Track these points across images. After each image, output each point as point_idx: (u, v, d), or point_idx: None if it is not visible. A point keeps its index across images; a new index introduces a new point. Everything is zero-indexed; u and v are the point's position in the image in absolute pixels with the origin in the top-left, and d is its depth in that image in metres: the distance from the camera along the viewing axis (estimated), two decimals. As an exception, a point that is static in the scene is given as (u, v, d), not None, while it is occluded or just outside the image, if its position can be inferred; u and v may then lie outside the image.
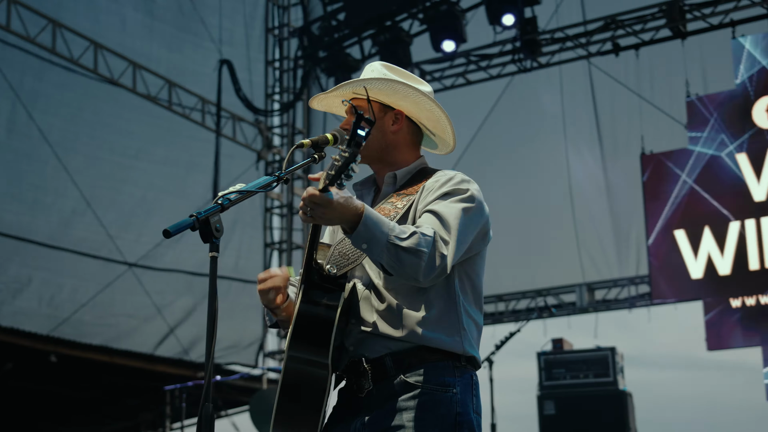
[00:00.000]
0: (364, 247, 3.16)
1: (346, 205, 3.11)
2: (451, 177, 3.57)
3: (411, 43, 13.25)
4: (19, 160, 13.61)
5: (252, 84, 16.07)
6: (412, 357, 3.36)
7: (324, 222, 3.20)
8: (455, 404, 3.35)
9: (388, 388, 3.34)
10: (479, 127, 14.86)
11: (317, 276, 3.38)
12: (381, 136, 3.66)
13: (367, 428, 3.34)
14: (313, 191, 3.09)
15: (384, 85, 3.63)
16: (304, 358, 3.30)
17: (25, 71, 13.61)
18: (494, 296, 14.95)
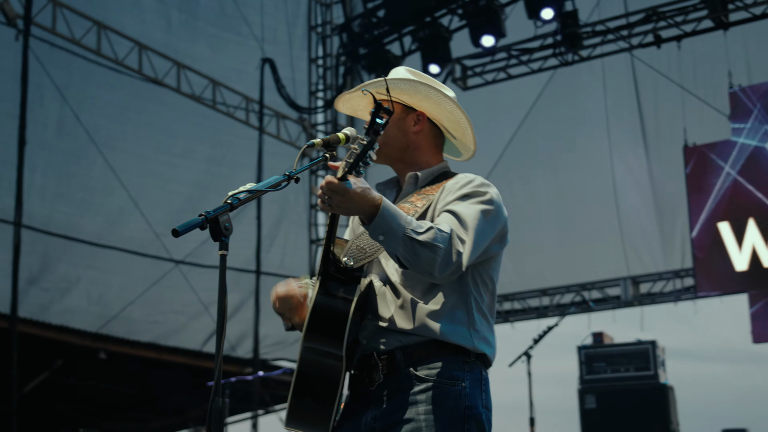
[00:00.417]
0: (381, 239, 3.20)
1: (363, 195, 3.15)
2: (471, 180, 3.57)
3: (450, 39, 13.25)
4: (68, 160, 13.82)
5: (295, 81, 16.18)
6: (423, 351, 3.40)
7: (341, 211, 3.23)
8: (464, 398, 3.39)
9: (398, 381, 3.39)
10: (522, 121, 14.85)
11: (334, 268, 3.42)
12: (402, 136, 3.71)
13: (377, 421, 3.39)
14: (331, 179, 3.13)
15: (406, 85, 3.68)
16: (320, 349, 3.35)
17: (72, 73, 13.83)
18: (538, 290, 14.93)
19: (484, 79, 14.69)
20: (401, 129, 3.69)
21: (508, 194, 14.98)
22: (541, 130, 14.83)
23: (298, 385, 3.40)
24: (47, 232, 13.26)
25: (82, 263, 13.76)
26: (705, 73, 13.74)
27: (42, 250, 13.35)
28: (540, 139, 14.88)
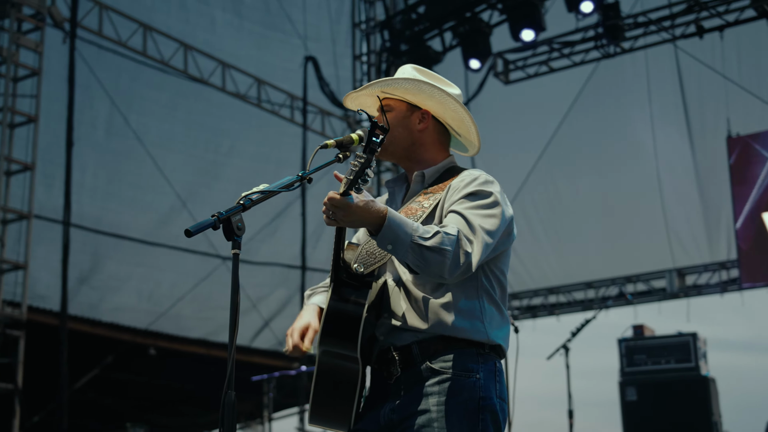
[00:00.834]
0: (389, 248, 3.27)
1: (366, 208, 3.22)
2: (475, 177, 3.62)
3: (491, 34, 13.30)
4: (118, 160, 14.05)
5: (339, 78, 16.29)
6: (438, 344, 3.48)
7: (346, 224, 3.32)
8: (478, 389, 3.46)
9: (415, 374, 3.48)
10: (565, 114, 14.84)
11: (345, 274, 3.51)
12: (408, 134, 3.77)
13: (395, 413, 3.48)
14: (333, 195, 3.23)
15: (410, 85, 3.74)
16: (336, 352, 3.46)
17: (120, 74, 14.06)
18: (583, 283, 14.93)
19: (526, 73, 14.71)
20: (406, 127, 3.77)
21: (552, 188, 15.01)
22: (584, 123, 14.81)
23: (318, 386, 3.52)
24: (98, 231, 13.48)
25: (132, 261, 13.99)
26: (748, 62, 13.64)
27: (93, 249, 13.59)
28: (583, 132, 14.85)
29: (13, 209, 11.84)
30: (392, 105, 3.79)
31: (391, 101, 3.79)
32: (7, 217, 11.85)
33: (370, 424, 3.55)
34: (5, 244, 11.79)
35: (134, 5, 14.02)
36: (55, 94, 12.68)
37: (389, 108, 3.78)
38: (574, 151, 14.91)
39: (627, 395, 10.17)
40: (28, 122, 12.12)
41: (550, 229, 15.15)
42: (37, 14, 12.39)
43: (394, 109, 3.78)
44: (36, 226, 12.36)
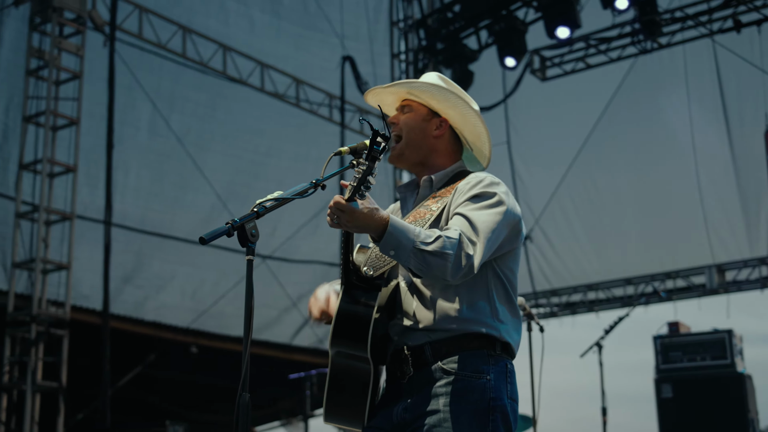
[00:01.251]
0: (392, 254, 3.36)
1: (370, 215, 3.31)
2: (481, 179, 3.68)
3: (526, 32, 13.31)
4: (161, 160, 14.24)
5: (376, 77, 16.36)
6: (450, 345, 3.55)
7: (349, 229, 3.41)
8: (488, 390, 3.52)
9: (426, 375, 3.55)
10: (603, 111, 14.81)
11: (355, 277, 3.60)
12: (422, 139, 3.85)
13: (407, 412, 3.56)
14: (339, 199, 3.33)
15: (437, 91, 3.82)
16: (347, 353, 3.55)
17: (162, 75, 14.25)
18: (622, 280, 14.90)
19: (562, 70, 14.71)
20: (423, 131, 3.84)
21: (590, 184, 15.00)
22: (622, 119, 14.78)
23: (331, 386, 3.62)
24: (142, 231, 13.66)
25: (175, 260, 14.15)
26: (787, 57, 13.56)
27: (137, 248, 13.78)
28: (621, 127, 14.83)
29: (56, 210, 12.04)
30: (413, 107, 3.87)
31: (413, 103, 3.88)
32: (50, 219, 12.07)
33: (383, 422, 3.63)
34: (49, 245, 12.01)
35: (174, 8, 14.20)
36: (98, 96, 12.87)
37: (410, 108, 3.88)
38: (613, 147, 14.88)
39: (662, 392, 10.15)
40: (70, 125, 12.33)
41: (589, 226, 15.14)
42: (77, 18, 12.58)
43: (414, 110, 3.87)
44: (80, 227, 12.59)
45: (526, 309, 6.21)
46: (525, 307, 6.21)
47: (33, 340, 11.40)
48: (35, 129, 12.22)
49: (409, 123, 3.83)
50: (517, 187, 15.68)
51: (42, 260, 11.79)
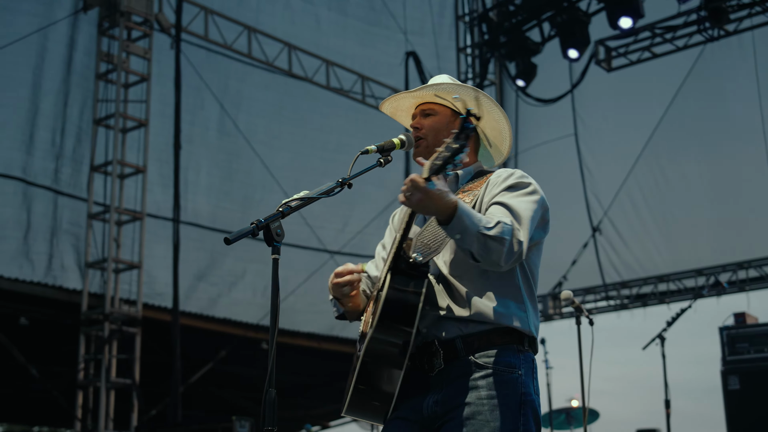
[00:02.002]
0: (457, 237, 3.39)
1: (441, 197, 3.32)
2: (512, 172, 3.76)
3: (589, 23, 13.19)
4: (230, 159, 14.45)
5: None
6: (481, 340, 3.60)
7: (419, 208, 3.40)
8: (520, 385, 3.59)
9: (458, 368, 3.59)
10: (671, 100, 14.63)
11: (404, 264, 3.60)
12: None
13: (439, 405, 3.59)
14: (416, 177, 3.32)
15: (464, 92, 3.89)
16: (387, 340, 3.53)
17: (229, 75, 14.48)
18: (693, 270, 14.69)
19: (628, 59, 14.57)
20: (449, 132, 3.90)
21: (659, 174, 14.84)
22: (691, 108, 14.57)
23: (360, 376, 3.59)
24: (213, 229, 13.86)
25: (247, 257, 14.33)
26: None
27: (210, 246, 14.00)
28: (690, 117, 14.62)
29: (127, 210, 12.30)
30: (437, 110, 3.94)
31: (435, 106, 3.94)
32: (121, 219, 12.33)
33: (410, 413, 3.66)
34: (121, 245, 12.28)
35: (239, 8, 14.39)
36: (167, 97, 13.12)
37: (433, 112, 3.94)
38: (681, 136, 14.68)
39: (729, 384, 9.99)
40: (138, 127, 12.58)
41: (658, 216, 14.96)
42: (145, 21, 12.83)
43: (438, 113, 3.93)
44: (154, 226, 12.88)
45: (575, 302, 6.19)
46: (573, 301, 6.20)
47: (106, 338, 11.67)
48: (105, 131, 12.48)
49: (435, 126, 3.89)
50: (585, 179, 15.57)
51: (114, 260, 12.07)
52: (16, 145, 12.09)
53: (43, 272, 12.19)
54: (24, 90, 12.24)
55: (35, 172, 12.21)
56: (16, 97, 12.23)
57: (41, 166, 12.29)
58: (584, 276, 15.51)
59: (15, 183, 12.00)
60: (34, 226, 12.20)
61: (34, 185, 12.17)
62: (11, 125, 12.16)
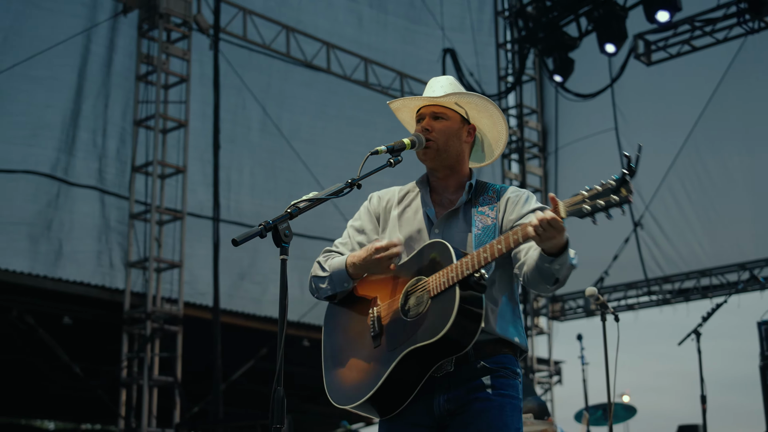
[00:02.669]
0: (557, 268, 3.51)
1: (564, 235, 3.43)
2: (522, 192, 3.97)
3: (626, 17, 13.10)
4: (273, 158, 14.55)
5: (480, 67, 16.38)
6: (489, 347, 3.76)
7: (545, 244, 3.46)
8: (519, 391, 3.83)
9: (468, 371, 3.72)
10: (712, 93, 14.54)
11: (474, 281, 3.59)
12: (458, 144, 4.01)
13: (451, 403, 3.71)
14: (556, 218, 3.37)
15: (480, 102, 3.99)
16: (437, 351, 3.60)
17: (272, 74, 14.59)
18: (736, 265, 14.58)
19: (668, 53, 14.48)
20: (458, 138, 4.00)
21: (701, 168, 14.76)
22: (732, 101, 14.48)
23: (392, 375, 3.67)
24: (257, 227, 13.92)
25: (292, 254, 14.40)
26: None
27: (253, 245, 14.09)
28: (732, 110, 14.52)
29: (168, 210, 12.42)
30: (448, 114, 4.01)
31: (448, 111, 4.00)
32: (162, 219, 12.47)
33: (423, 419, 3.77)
34: (162, 244, 12.41)
35: (278, 8, 14.49)
36: (209, 97, 13.21)
37: (444, 116, 4.00)
38: (723, 129, 14.60)
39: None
40: (178, 127, 12.70)
41: (700, 210, 14.89)
42: (183, 23, 12.95)
43: (450, 118, 4.00)
44: (197, 225, 13.00)
45: (600, 298, 6.18)
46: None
47: (148, 336, 11.81)
48: (146, 132, 12.63)
49: (446, 131, 3.97)
50: (626, 174, 15.48)
51: (155, 259, 12.19)
52: (60, 146, 12.28)
53: (90, 271, 12.39)
54: (67, 92, 12.43)
55: (78, 172, 12.38)
56: (61, 98, 12.42)
57: (84, 166, 12.47)
58: (626, 271, 15.48)
59: (59, 184, 12.19)
60: (78, 226, 12.39)
61: (78, 186, 12.37)
62: (56, 126, 12.35)
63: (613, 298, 16.18)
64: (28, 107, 12.18)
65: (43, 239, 12.12)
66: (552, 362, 16.87)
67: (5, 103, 12.06)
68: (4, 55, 11.83)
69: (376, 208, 4.25)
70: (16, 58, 11.83)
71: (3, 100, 12.05)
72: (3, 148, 11.93)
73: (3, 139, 11.96)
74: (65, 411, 21.21)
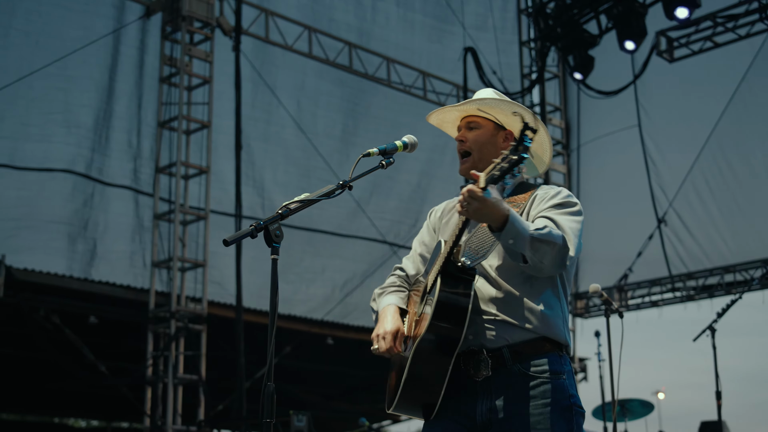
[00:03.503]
0: (510, 242, 3.53)
1: (497, 205, 3.47)
2: (559, 191, 3.94)
3: (646, 14, 13.09)
4: (308, 156, 14.71)
5: (502, 65, 16.41)
6: (527, 348, 3.75)
7: (476, 217, 3.53)
8: (567, 389, 3.76)
9: (506, 376, 3.72)
10: (736, 88, 14.52)
11: (454, 268, 3.73)
12: (494, 150, 3.99)
13: (493, 412, 3.71)
14: (473, 188, 3.44)
15: (506, 107, 4.01)
16: (438, 341, 3.66)
17: (306, 72, 14.73)
18: (760, 261, 14.55)
19: (690, 50, 14.47)
20: (494, 145, 4.02)
21: (725, 164, 14.75)
22: (756, 97, 14.47)
23: (410, 374, 3.69)
24: (290, 227, 14.07)
25: (326, 253, 14.57)
26: None
27: (287, 245, 14.20)
28: (755, 105, 14.51)
29: (191, 211, 12.56)
30: (480, 123, 4.06)
31: (480, 120, 4.07)
32: (186, 219, 12.61)
33: (463, 419, 3.79)
34: (186, 244, 12.56)
35: (302, 9, 14.62)
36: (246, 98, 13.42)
37: (477, 125, 4.06)
38: (746, 125, 14.58)
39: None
40: (201, 128, 12.84)
41: (724, 206, 14.88)
42: (206, 25, 13.08)
43: (482, 127, 4.05)
44: (225, 224, 13.12)
45: (604, 295, 6.23)
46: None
47: (173, 335, 11.96)
48: (169, 133, 12.79)
49: (479, 140, 4.02)
50: (649, 170, 15.53)
51: (180, 259, 12.34)
52: (94, 146, 12.48)
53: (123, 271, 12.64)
54: (100, 92, 12.63)
55: (113, 172, 12.61)
56: (94, 98, 12.62)
57: (119, 167, 12.69)
58: (650, 268, 15.49)
59: (94, 183, 12.43)
60: (113, 226, 12.62)
61: (113, 186, 12.62)
62: (90, 126, 12.53)
63: (637, 295, 16.19)
64: (66, 106, 12.38)
65: (80, 239, 12.33)
66: (576, 359, 16.89)
67: (44, 103, 12.24)
68: (38, 56, 12.03)
69: (433, 222, 4.32)
70: (50, 58, 12.03)
71: (41, 100, 12.23)
72: (42, 147, 12.13)
73: (41, 138, 12.16)
74: (95, 410, 21.47)
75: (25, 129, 12.06)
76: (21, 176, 11.90)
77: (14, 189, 11.90)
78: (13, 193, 11.89)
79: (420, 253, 4.23)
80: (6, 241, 11.65)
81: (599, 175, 16.55)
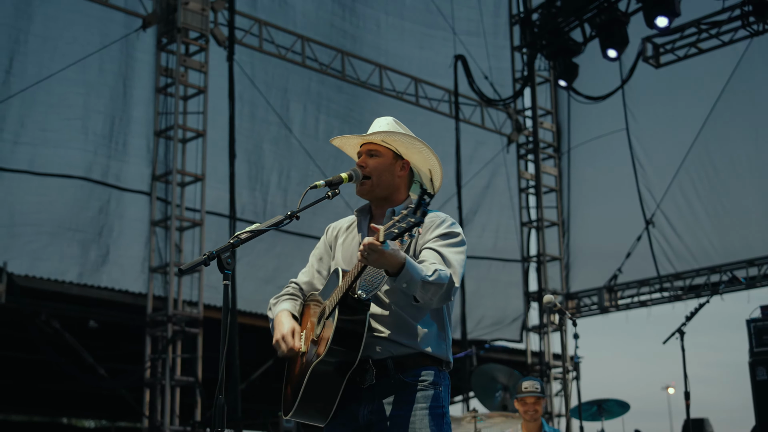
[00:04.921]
0: (404, 286, 3.90)
1: (395, 255, 3.81)
2: (443, 219, 4.31)
3: (628, 22, 13.37)
4: (308, 161, 15.01)
5: (492, 70, 16.68)
6: (410, 361, 4.17)
7: (375, 265, 3.88)
8: (441, 399, 4.19)
9: (388, 384, 4.14)
10: (720, 93, 14.82)
11: (351, 300, 4.10)
12: (391, 178, 4.45)
13: (374, 414, 4.15)
14: (373, 241, 3.78)
15: (408, 141, 4.42)
16: (335, 363, 4.07)
17: (311, 77, 15.08)
18: (744, 261, 14.82)
19: (676, 55, 14.76)
20: (391, 173, 4.44)
21: (710, 166, 15.03)
22: (740, 101, 14.76)
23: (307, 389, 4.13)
24: (286, 232, 14.34)
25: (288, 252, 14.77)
26: None
27: (279, 251, 14.51)
28: (740, 109, 14.81)
29: (187, 218, 12.90)
30: (381, 151, 4.46)
31: (380, 148, 4.47)
32: (182, 225, 12.95)
33: (348, 421, 4.20)
34: (182, 250, 12.89)
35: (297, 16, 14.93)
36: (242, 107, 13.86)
37: (377, 153, 4.46)
38: (731, 128, 14.87)
39: (757, 375, 10.16)
40: (197, 137, 13.17)
41: (710, 208, 15.17)
42: (201, 36, 13.41)
43: (382, 155, 4.46)
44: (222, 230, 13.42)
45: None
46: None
47: (170, 338, 12.30)
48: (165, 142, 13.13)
49: (378, 167, 4.41)
50: (637, 173, 15.83)
51: (176, 264, 12.66)
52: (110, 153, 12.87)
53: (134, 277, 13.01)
54: (115, 98, 13.00)
55: (129, 177, 12.99)
56: (108, 105, 12.98)
57: (137, 172, 13.05)
58: (639, 268, 15.78)
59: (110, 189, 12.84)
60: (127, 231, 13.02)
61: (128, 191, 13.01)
62: (106, 131, 12.91)
63: (626, 295, 16.47)
64: (83, 111, 12.74)
65: (93, 245, 12.67)
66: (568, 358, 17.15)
67: (63, 108, 12.59)
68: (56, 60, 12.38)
69: (329, 238, 4.68)
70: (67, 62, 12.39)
71: (60, 104, 12.56)
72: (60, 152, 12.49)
73: (58, 144, 12.51)
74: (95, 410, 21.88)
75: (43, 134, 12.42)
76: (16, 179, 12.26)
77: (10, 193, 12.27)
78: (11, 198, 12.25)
79: (317, 269, 4.61)
80: (6, 241, 12.05)
81: (589, 177, 16.90)
